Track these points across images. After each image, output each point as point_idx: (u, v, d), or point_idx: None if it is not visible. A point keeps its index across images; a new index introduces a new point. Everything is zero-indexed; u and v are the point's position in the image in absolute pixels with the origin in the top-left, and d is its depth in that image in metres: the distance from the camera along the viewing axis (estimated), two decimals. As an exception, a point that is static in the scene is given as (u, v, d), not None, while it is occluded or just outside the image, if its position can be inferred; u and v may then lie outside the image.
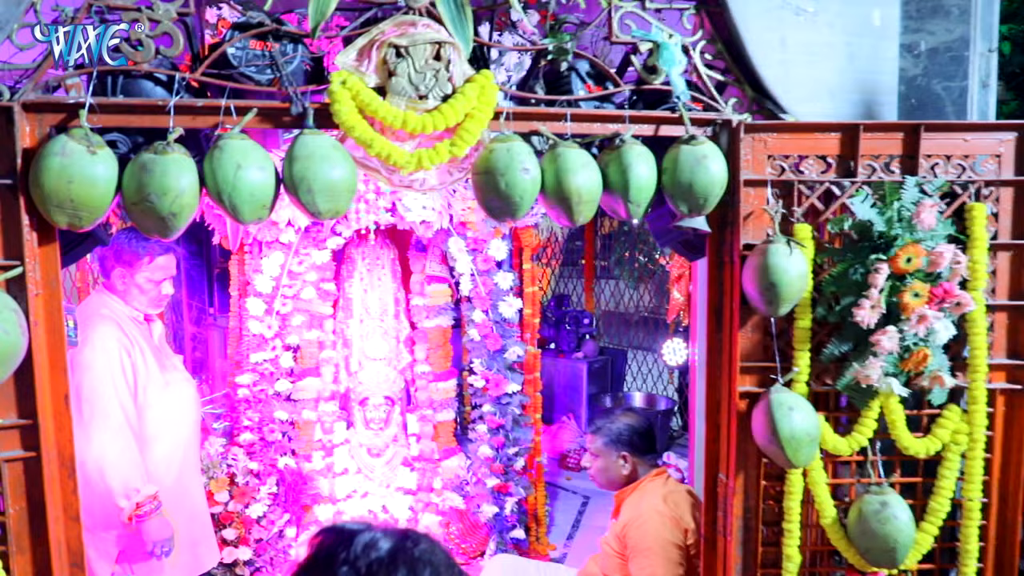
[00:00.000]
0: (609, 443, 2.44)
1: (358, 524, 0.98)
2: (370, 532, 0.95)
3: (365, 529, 0.96)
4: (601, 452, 2.45)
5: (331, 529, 0.97)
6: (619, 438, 2.43)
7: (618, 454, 2.43)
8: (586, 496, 5.14)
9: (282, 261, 3.72)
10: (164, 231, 1.55)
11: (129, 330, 2.51)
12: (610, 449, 2.44)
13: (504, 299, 3.81)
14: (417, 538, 0.97)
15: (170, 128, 1.59)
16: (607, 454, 2.44)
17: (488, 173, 1.70)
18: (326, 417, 4.11)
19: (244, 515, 3.74)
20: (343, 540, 0.94)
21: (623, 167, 1.78)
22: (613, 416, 2.49)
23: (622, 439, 2.43)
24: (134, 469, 2.41)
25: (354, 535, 0.94)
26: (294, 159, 1.59)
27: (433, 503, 4.11)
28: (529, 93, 1.85)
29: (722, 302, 2.03)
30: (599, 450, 2.46)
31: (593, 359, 6.24)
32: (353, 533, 0.95)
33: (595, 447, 2.47)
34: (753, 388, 2.00)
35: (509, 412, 3.86)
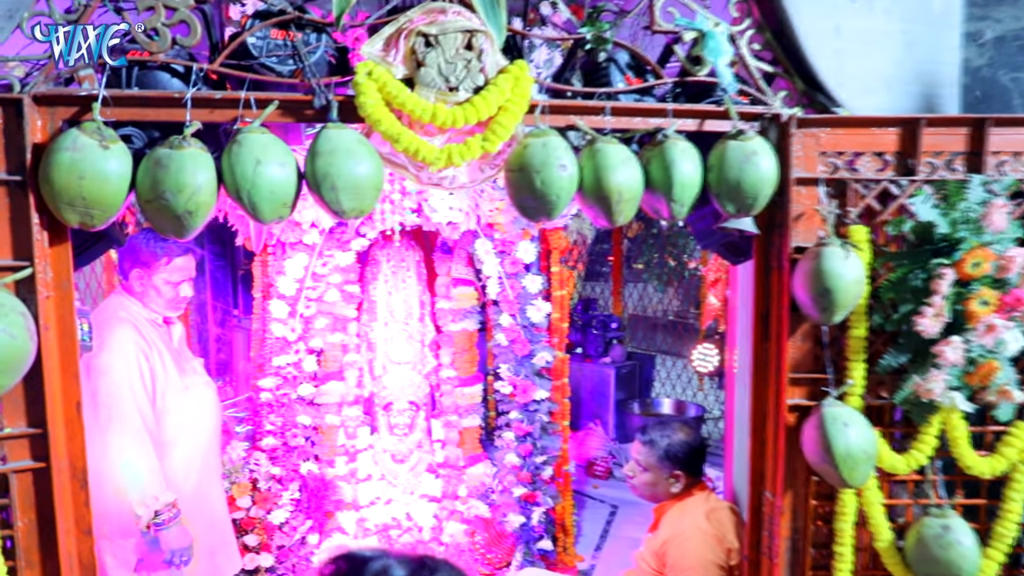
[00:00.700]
0: (662, 459, 2.28)
1: (372, 551, 0.92)
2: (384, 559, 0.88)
3: (379, 556, 0.88)
4: (652, 467, 2.30)
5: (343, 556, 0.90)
6: (674, 455, 2.28)
7: (671, 472, 2.29)
8: (614, 505, 5.01)
9: (305, 263, 3.64)
10: (180, 230, 1.47)
11: (147, 333, 2.44)
12: (662, 465, 2.29)
13: (532, 303, 3.70)
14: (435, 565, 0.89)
15: (187, 122, 1.50)
16: (658, 469, 2.29)
17: (522, 170, 1.59)
18: (349, 422, 4.03)
19: (266, 521, 3.67)
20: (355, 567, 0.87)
21: (666, 164, 1.67)
22: (667, 429, 2.33)
23: (677, 456, 2.28)
24: (152, 476, 2.34)
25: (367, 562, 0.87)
26: (317, 154, 1.50)
27: (458, 511, 4.01)
28: (565, 86, 1.74)
29: (769, 309, 1.91)
30: (650, 464, 2.30)
31: (621, 364, 6.10)
32: (366, 560, 0.88)
33: (646, 460, 2.31)
34: (803, 401, 1.87)
35: (537, 419, 3.75)
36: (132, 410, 2.32)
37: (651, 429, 2.35)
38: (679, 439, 2.29)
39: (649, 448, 2.30)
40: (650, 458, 2.29)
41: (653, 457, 2.28)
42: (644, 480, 2.32)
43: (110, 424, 2.32)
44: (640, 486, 2.35)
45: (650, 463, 2.29)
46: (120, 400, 2.31)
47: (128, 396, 2.32)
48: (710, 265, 3.55)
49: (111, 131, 1.46)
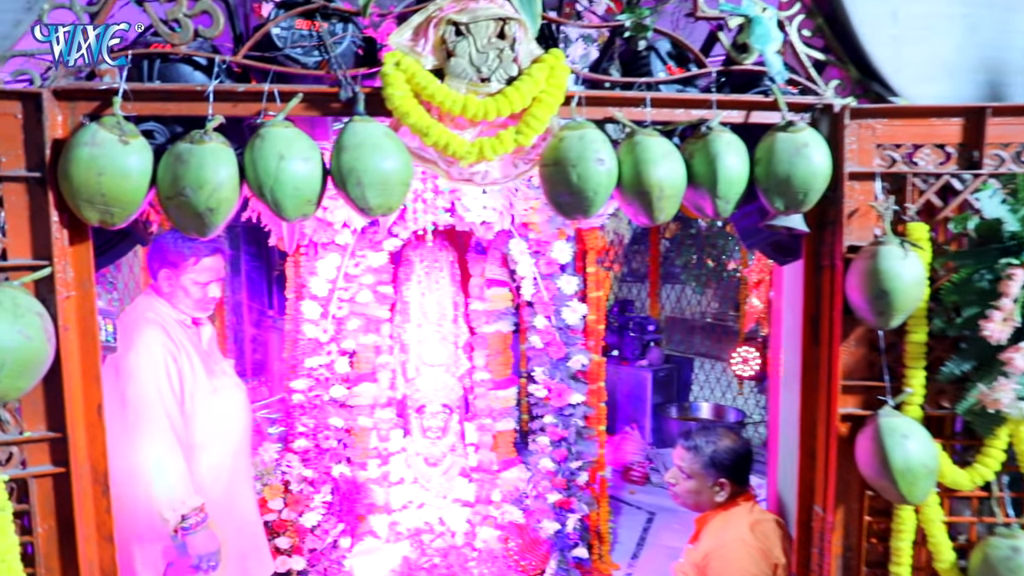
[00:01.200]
0: (707, 466, 2.17)
1: None
2: None
3: None
4: (696, 474, 2.19)
5: None
6: (720, 463, 2.17)
7: (715, 480, 2.17)
8: (651, 512, 4.90)
9: (338, 263, 3.60)
10: (201, 228, 1.41)
11: (176, 334, 2.41)
12: (707, 473, 2.17)
13: (568, 304, 3.61)
14: None
15: (208, 116, 1.45)
16: (703, 477, 2.18)
17: (558, 164, 1.51)
18: (382, 424, 3.98)
19: (298, 524, 3.63)
20: None
21: (710, 157, 1.57)
22: (712, 435, 2.22)
23: (723, 464, 2.17)
24: (180, 480, 2.30)
25: None
26: (342, 149, 1.43)
27: (491, 516, 3.94)
28: (603, 76, 1.65)
29: (820, 312, 1.79)
30: (694, 472, 2.19)
31: (658, 367, 5.98)
32: None
33: (689, 467, 2.20)
34: (856, 410, 1.75)
35: (572, 424, 3.66)
36: (159, 413, 2.29)
37: (695, 434, 2.23)
38: (725, 445, 2.17)
39: (693, 454, 2.18)
40: (694, 465, 2.18)
41: (697, 464, 2.17)
42: (687, 488, 2.21)
43: (137, 426, 2.29)
44: (682, 494, 2.24)
45: (694, 470, 2.18)
46: (147, 402, 2.28)
47: (155, 398, 2.29)
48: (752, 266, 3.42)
49: (131, 126, 1.41)
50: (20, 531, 1.44)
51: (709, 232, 6.64)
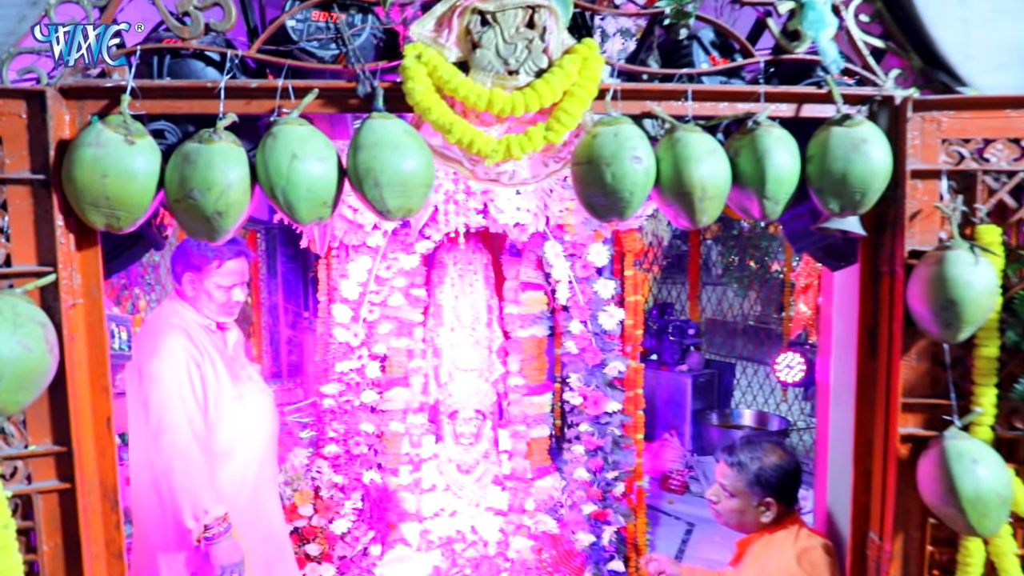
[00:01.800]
0: (752, 484, 2.02)
1: None
2: None
3: None
4: (740, 492, 2.03)
5: None
6: (766, 481, 2.01)
7: (761, 499, 2.02)
8: (690, 523, 4.73)
9: (369, 266, 3.53)
10: (210, 233, 1.34)
11: (200, 340, 2.35)
12: (753, 491, 2.02)
13: (604, 309, 3.48)
14: None
15: (220, 113, 1.37)
16: (747, 496, 2.02)
17: (591, 163, 1.39)
18: (414, 430, 3.91)
19: (328, 531, 3.58)
20: None
21: (758, 155, 1.44)
22: (758, 450, 2.06)
23: (770, 483, 2.01)
24: (203, 488, 2.24)
25: None
26: (359, 147, 1.34)
27: (525, 526, 3.84)
28: (641, 67, 1.53)
29: (878, 322, 1.65)
30: (738, 489, 2.04)
31: (698, 372, 5.81)
32: None
33: (733, 484, 2.05)
34: (918, 430, 1.60)
35: (608, 433, 3.53)
36: (182, 420, 2.24)
37: (739, 449, 2.08)
38: (772, 462, 2.02)
39: (737, 471, 2.03)
40: (738, 483, 2.03)
41: (741, 482, 2.02)
42: (730, 507, 2.06)
43: (160, 433, 2.24)
44: (725, 513, 2.09)
45: (738, 488, 2.03)
46: (170, 409, 2.23)
47: (178, 405, 2.24)
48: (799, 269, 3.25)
49: (138, 125, 1.34)
50: (25, 549, 1.38)
51: (752, 233, 6.45)
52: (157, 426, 2.24)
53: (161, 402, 2.23)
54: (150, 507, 2.39)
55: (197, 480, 2.24)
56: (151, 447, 2.29)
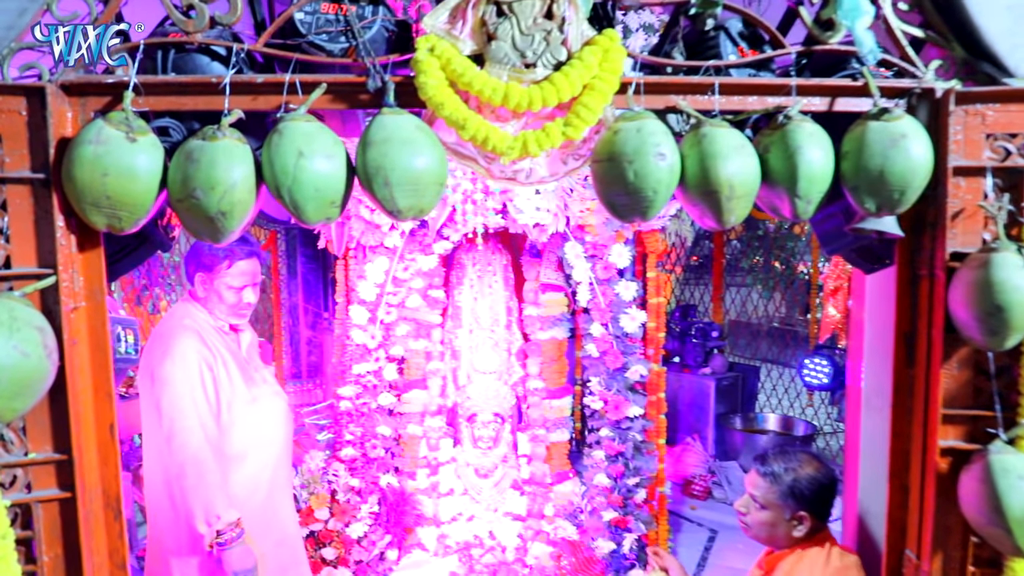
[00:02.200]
0: (786, 496, 1.90)
1: None
2: None
3: None
4: (771, 505, 1.92)
5: None
6: (800, 494, 1.90)
7: (794, 512, 1.90)
8: (713, 530, 4.63)
9: (387, 267, 3.48)
10: (214, 233, 1.28)
11: (212, 342, 2.31)
12: (786, 504, 1.90)
13: (626, 311, 3.41)
14: None
15: (225, 110, 1.32)
16: (780, 508, 1.91)
17: (612, 160, 1.32)
18: (432, 433, 3.86)
19: (344, 534, 3.54)
20: None
21: (789, 151, 1.36)
22: (792, 460, 1.95)
23: (804, 496, 1.90)
24: (215, 493, 2.20)
25: None
26: (368, 144, 1.28)
27: (544, 531, 3.77)
28: (665, 59, 1.46)
29: (916, 328, 1.56)
30: (770, 501, 1.92)
31: (722, 375, 5.70)
32: None
33: (765, 496, 1.93)
34: (960, 443, 1.51)
35: (629, 438, 3.45)
36: (194, 423, 2.19)
37: (772, 459, 1.96)
38: (807, 474, 1.90)
39: (770, 482, 1.92)
40: (770, 495, 1.92)
41: (774, 494, 1.91)
42: (760, 520, 1.95)
43: (172, 437, 2.20)
44: (754, 526, 1.98)
45: (769, 500, 1.92)
46: (182, 412, 2.19)
47: (190, 408, 2.20)
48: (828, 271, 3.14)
49: (141, 122, 1.29)
50: (25, 559, 1.33)
51: (777, 233, 6.33)
52: (169, 430, 2.20)
53: (173, 405, 2.19)
54: (164, 510, 2.36)
55: (209, 485, 2.20)
56: (163, 451, 2.26)
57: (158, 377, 2.21)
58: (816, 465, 1.93)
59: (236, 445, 2.36)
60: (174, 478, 2.20)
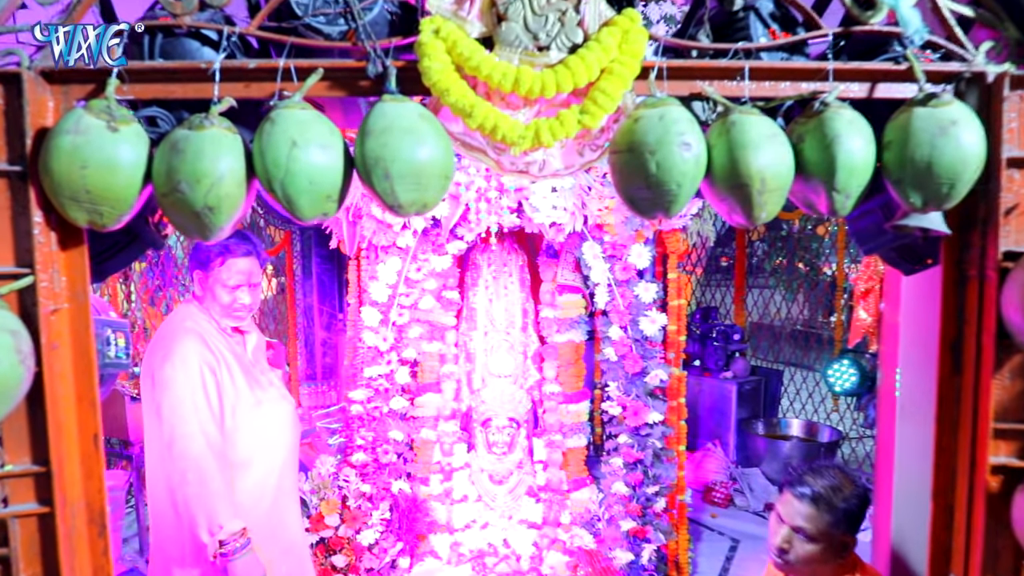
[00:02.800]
0: (838, 523, 1.70)
1: None
2: None
3: None
4: (823, 535, 1.69)
5: None
6: (852, 517, 1.71)
7: (842, 538, 1.72)
8: (735, 539, 4.50)
9: (399, 267, 3.39)
10: (202, 230, 1.19)
11: (215, 344, 2.22)
12: (836, 532, 1.70)
13: (646, 314, 3.29)
14: None
15: (214, 97, 1.22)
16: (831, 537, 1.70)
17: (632, 151, 1.21)
18: (445, 438, 3.76)
19: (355, 542, 3.45)
20: None
21: (827, 140, 1.24)
22: (834, 478, 1.74)
23: (855, 517, 1.71)
24: (219, 501, 2.11)
25: None
26: (368, 133, 1.18)
27: (560, 540, 3.66)
28: (690, 42, 1.34)
29: (963, 333, 1.43)
30: (821, 532, 1.69)
31: (743, 379, 5.55)
32: None
33: (816, 527, 1.69)
34: (1013, 460, 1.38)
35: (649, 445, 3.33)
36: (195, 429, 2.11)
37: (811, 480, 1.74)
38: (854, 492, 1.73)
39: (821, 509, 1.69)
40: (821, 524, 1.69)
41: (826, 522, 1.69)
42: (809, 554, 1.70)
43: (173, 443, 2.12)
44: (799, 562, 1.72)
45: (821, 530, 1.69)
46: (182, 418, 2.10)
47: (191, 413, 2.11)
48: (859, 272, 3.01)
49: (124, 110, 1.20)
50: (2, 579, 1.25)
51: (801, 234, 6.17)
52: (170, 435, 2.12)
53: (173, 410, 2.11)
54: (166, 518, 2.28)
55: (212, 492, 2.11)
56: (165, 457, 2.18)
57: (158, 380, 2.13)
58: (852, 478, 1.79)
59: (241, 451, 2.27)
60: (176, 485, 2.12)
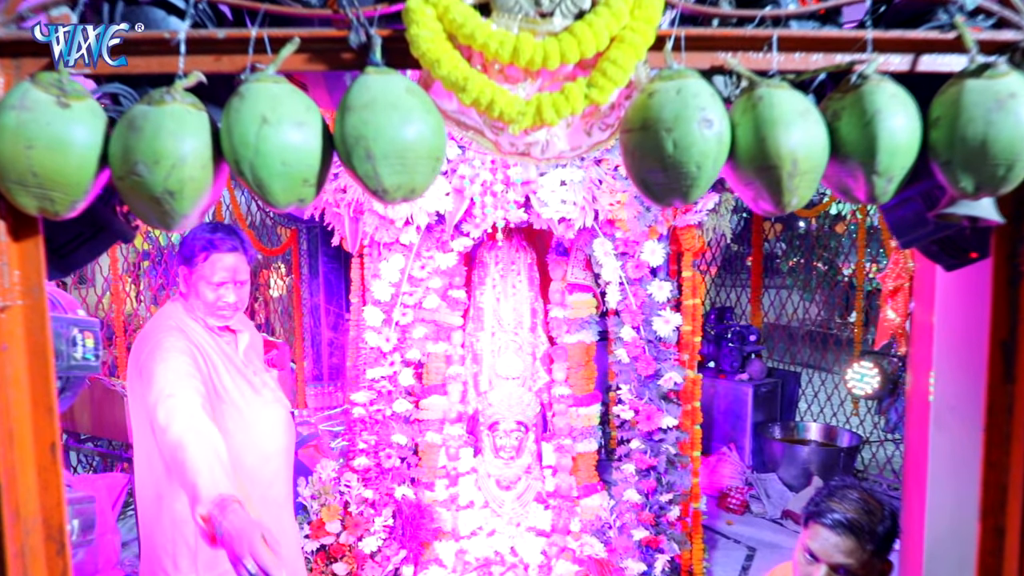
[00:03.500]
0: (878, 550, 1.57)
1: None
2: None
3: None
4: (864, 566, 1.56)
5: None
6: (889, 540, 1.58)
7: (881, 566, 1.60)
8: (751, 547, 4.35)
9: (402, 265, 3.27)
10: (163, 218, 1.06)
11: (200, 342, 2.10)
12: (876, 560, 1.58)
13: (659, 314, 3.15)
14: None
15: (179, 71, 1.10)
16: (871, 567, 1.57)
17: (647, 129, 1.07)
18: (451, 442, 3.64)
19: (356, 549, 3.33)
20: None
21: (866, 117, 1.10)
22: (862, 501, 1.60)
23: (890, 541, 1.59)
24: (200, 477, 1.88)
25: None
26: (348, 109, 1.05)
27: (570, 548, 3.53)
28: (711, 9, 1.20)
29: (1017, 336, 1.29)
30: (863, 563, 1.56)
31: (760, 381, 5.40)
32: None
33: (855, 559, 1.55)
34: (1073, 477, 1.24)
35: (663, 451, 3.19)
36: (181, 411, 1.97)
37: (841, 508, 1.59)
38: (886, 513, 1.59)
39: (864, 540, 1.55)
40: (864, 555, 1.56)
41: (868, 553, 1.56)
42: None
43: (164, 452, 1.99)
44: None
45: (864, 561, 1.56)
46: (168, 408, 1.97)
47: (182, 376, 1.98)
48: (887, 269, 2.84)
49: (77, 84, 1.07)
50: (-53, 605, 1.13)
51: (820, 232, 6.00)
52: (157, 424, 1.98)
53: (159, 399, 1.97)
54: (157, 527, 2.16)
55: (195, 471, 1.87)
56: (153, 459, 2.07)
57: (144, 375, 2.00)
58: (875, 495, 1.63)
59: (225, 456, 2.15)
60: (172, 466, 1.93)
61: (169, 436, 1.91)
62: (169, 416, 1.91)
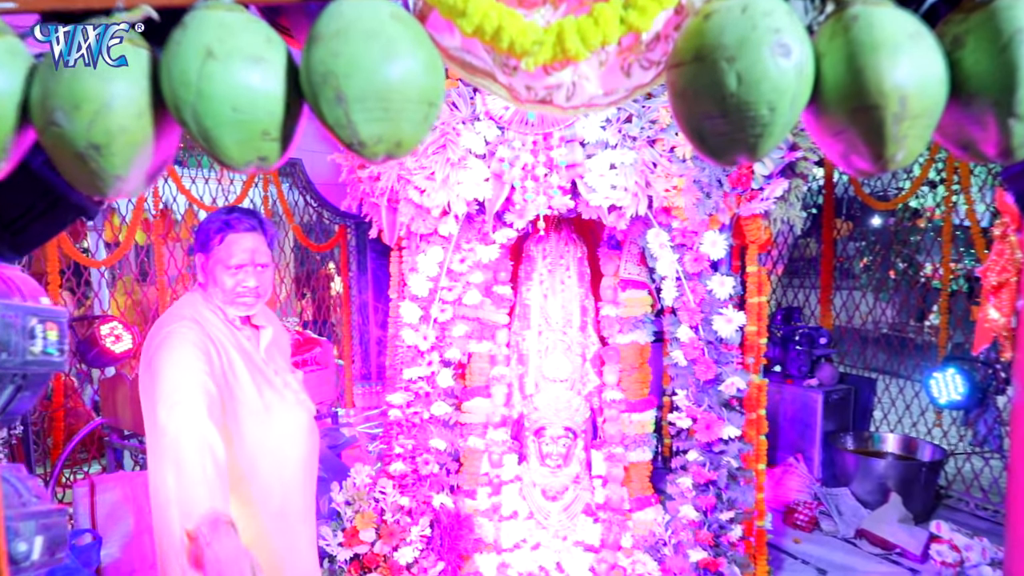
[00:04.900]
0: None
1: None
2: None
3: None
4: None
5: None
6: None
7: None
8: (821, 569, 3.98)
9: (440, 258, 3.06)
10: (91, 179, 0.86)
11: (216, 334, 1.92)
12: None
13: (720, 312, 2.85)
14: None
15: (118, 3, 0.89)
16: None
17: (703, 60, 0.82)
18: (494, 447, 3.42)
19: (391, 560, 3.14)
20: None
21: (1001, 41, 0.82)
22: None
23: None
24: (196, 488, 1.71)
25: None
26: (315, 39, 0.83)
27: (620, 566, 3.26)
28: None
29: None
30: None
31: (830, 387, 5.00)
32: None
33: None
34: None
35: (723, 464, 2.89)
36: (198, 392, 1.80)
37: None
38: None
39: None
40: None
41: None
42: None
43: (163, 455, 1.82)
44: None
45: None
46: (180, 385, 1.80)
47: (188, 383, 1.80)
48: (988, 262, 2.51)
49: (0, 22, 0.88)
50: None
51: (899, 227, 5.55)
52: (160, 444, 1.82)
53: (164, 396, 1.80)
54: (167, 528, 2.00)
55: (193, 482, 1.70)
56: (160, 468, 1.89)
57: (153, 368, 1.84)
58: None
59: (240, 463, 1.97)
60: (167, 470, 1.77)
61: (166, 438, 1.75)
62: (169, 416, 1.76)
